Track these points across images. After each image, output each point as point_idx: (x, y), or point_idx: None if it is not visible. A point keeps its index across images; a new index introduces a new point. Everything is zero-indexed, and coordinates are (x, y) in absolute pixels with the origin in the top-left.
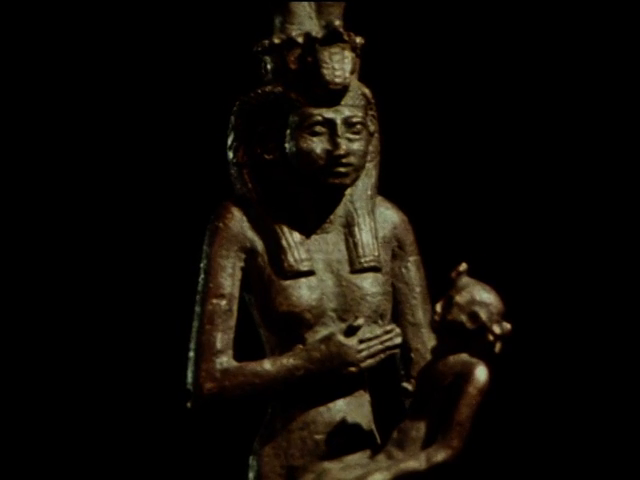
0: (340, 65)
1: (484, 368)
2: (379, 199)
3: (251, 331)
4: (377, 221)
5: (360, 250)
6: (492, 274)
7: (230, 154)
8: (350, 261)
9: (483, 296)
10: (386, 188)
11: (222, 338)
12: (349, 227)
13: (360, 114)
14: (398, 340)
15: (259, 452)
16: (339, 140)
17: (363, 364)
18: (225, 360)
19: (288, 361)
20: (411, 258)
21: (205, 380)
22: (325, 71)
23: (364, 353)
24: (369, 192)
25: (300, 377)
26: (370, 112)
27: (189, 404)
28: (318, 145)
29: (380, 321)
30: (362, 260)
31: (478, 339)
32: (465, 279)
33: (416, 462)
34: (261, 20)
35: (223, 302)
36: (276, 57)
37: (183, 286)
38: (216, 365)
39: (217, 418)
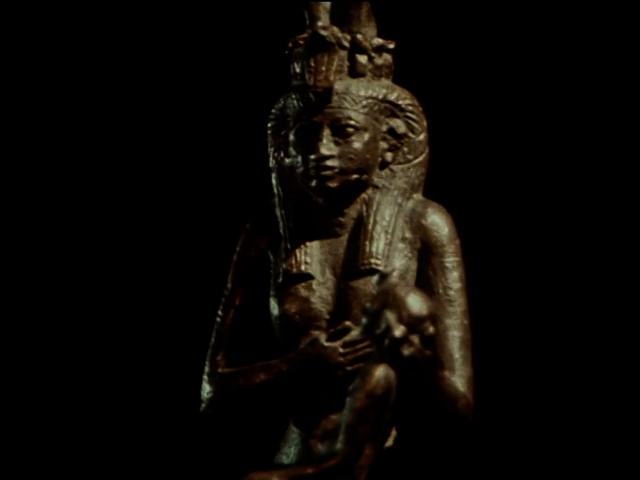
0: (323, 68)
1: (379, 372)
2: (416, 200)
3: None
4: (406, 222)
5: (361, 253)
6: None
7: (268, 160)
8: (351, 264)
9: (397, 300)
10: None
11: (226, 344)
12: (357, 230)
13: (355, 116)
14: None
15: (276, 456)
16: (319, 144)
17: (349, 367)
18: (225, 365)
19: (275, 365)
20: (436, 260)
21: (207, 385)
22: (307, 75)
23: (350, 356)
24: (395, 193)
25: (288, 382)
26: (402, 114)
27: (201, 410)
28: (305, 148)
29: None
30: (359, 263)
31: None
32: (387, 283)
33: (308, 467)
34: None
35: (231, 309)
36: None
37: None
38: (217, 370)
39: (229, 423)
